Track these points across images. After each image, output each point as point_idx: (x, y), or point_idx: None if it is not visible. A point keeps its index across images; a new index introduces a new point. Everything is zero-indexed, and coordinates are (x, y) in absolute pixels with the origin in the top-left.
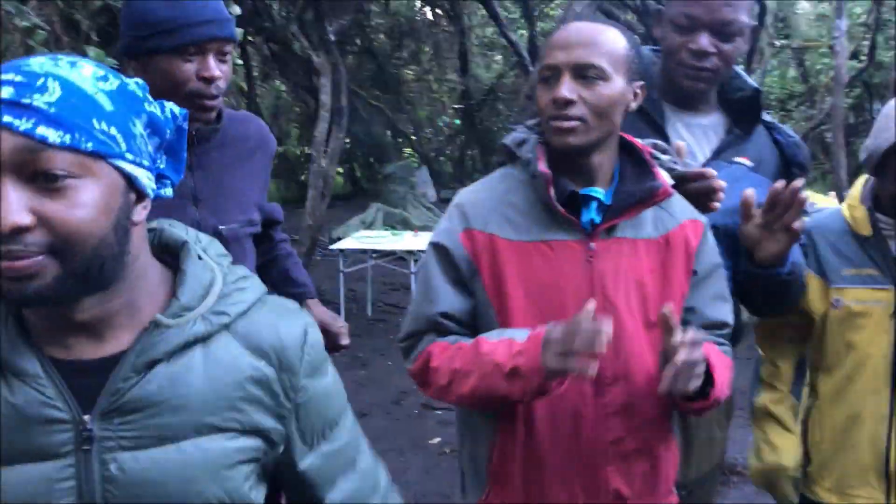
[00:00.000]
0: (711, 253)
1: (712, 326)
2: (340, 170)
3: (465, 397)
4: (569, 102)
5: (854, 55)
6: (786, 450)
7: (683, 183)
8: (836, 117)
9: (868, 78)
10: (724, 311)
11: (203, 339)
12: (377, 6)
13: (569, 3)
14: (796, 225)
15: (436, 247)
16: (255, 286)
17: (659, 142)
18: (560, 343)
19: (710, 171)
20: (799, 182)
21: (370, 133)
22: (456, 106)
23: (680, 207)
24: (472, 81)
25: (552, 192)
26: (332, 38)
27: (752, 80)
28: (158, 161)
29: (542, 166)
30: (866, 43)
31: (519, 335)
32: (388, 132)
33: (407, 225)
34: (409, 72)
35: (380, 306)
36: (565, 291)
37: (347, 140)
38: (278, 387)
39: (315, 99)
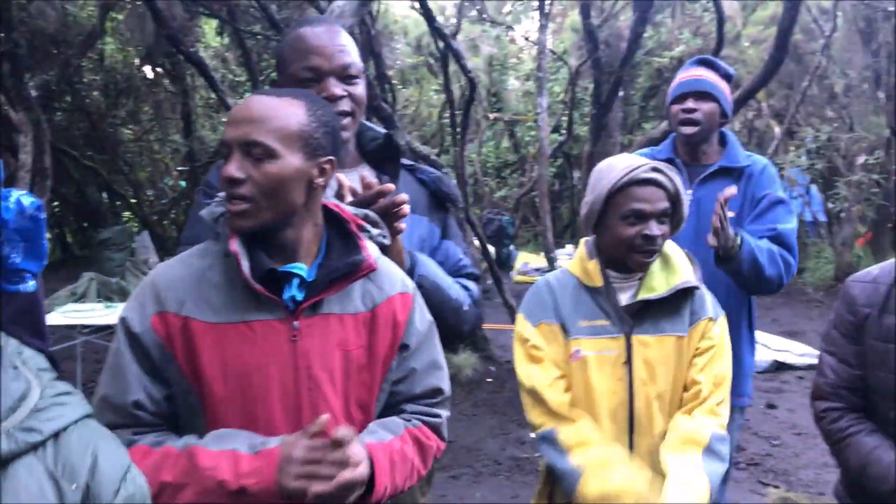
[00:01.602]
0: (422, 322)
1: (425, 396)
2: (49, 235)
3: None
4: (235, 181)
5: (556, 129)
6: None
7: (369, 205)
8: (541, 185)
9: (568, 150)
10: (438, 378)
11: (3, 462)
12: (89, 62)
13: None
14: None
15: (126, 329)
16: (78, 404)
17: (370, 213)
18: (301, 464)
19: (389, 186)
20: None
21: (83, 195)
22: (180, 168)
23: (389, 281)
24: (196, 143)
25: (246, 271)
26: (34, 93)
27: (380, 128)
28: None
29: (234, 245)
30: (566, 118)
31: (241, 445)
32: (104, 194)
33: (125, 295)
34: (127, 131)
35: (91, 387)
36: (269, 374)
37: (56, 203)
38: None
39: (15, 158)
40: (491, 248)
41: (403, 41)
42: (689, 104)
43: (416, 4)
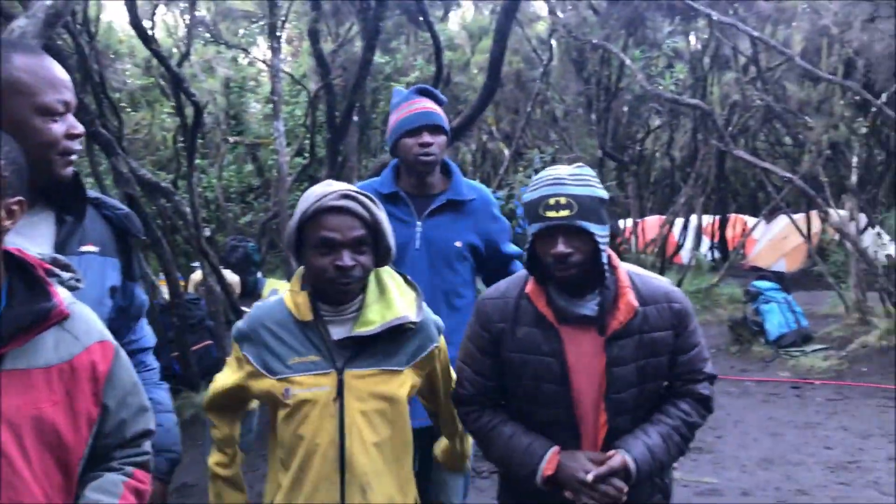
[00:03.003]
0: (126, 371)
1: (133, 440)
2: None
3: None
4: None
5: (300, 152)
6: None
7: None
8: (282, 209)
9: (313, 173)
10: (146, 421)
11: None
12: None
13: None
14: None
15: None
16: None
17: (60, 257)
18: None
19: None
20: None
21: None
22: None
23: (86, 329)
24: None
25: None
26: None
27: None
28: None
29: None
30: (308, 141)
31: None
32: None
33: None
34: None
35: None
36: None
37: None
38: None
39: None
40: (236, 277)
41: (130, 61)
42: (427, 138)
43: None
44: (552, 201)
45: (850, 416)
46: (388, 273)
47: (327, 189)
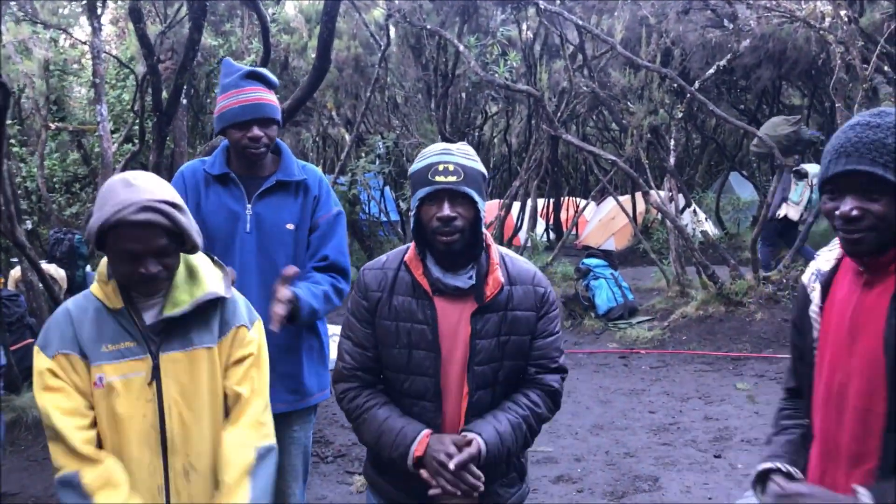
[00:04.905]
0: None
1: None
2: None
3: None
4: None
5: (129, 139)
6: None
7: None
8: None
9: (144, 160)
10: None
11: None
12: None
13: None
14: None
15: None
16: None
17: None
18: None
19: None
20: None
21: None
22: None
23: None
24: None
25: None
26: None
27: None
28: None
29: None
30: (137, 127)
31: None
32: None
33: None
34: None
35: None
36: None
37: None
38: None
39: None
40: (62, 272)
41: None
42: (256, 132)
43: None
44: (441, 167)
45: (671, 382)
46: (196, 255)
47: (127, 198)
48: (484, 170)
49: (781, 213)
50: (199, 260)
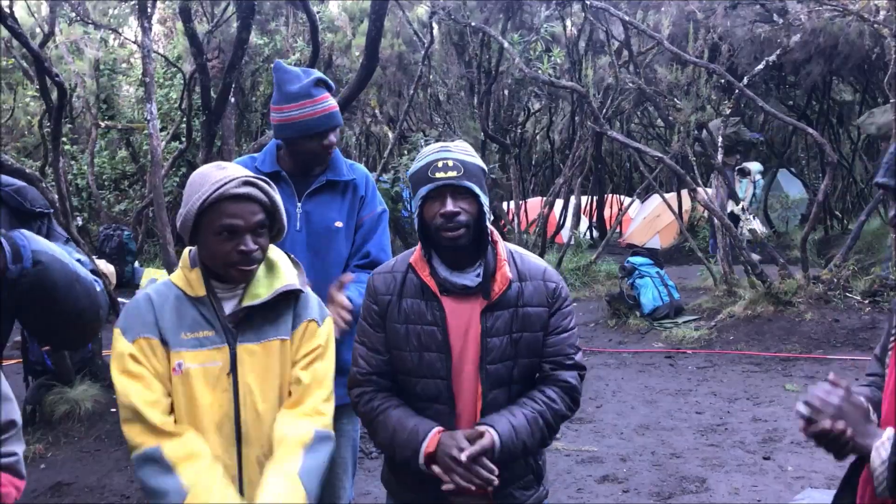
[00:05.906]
0: None
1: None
2: None
3: None
4: None
5: (177, 136)
6: None
7: None
8: (157, 196)
9: (191, 158)
10: (8, 411)
11: None
12: None
13: None
14: None
15: None
16: None
17: None
18: None
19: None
20: None
21: None
22: None
23: None
24: None
25: None
26: None
27: None
28: None
29: None
30: (185, 125)
31: None
32: None
33: None
34: None
35: None
36: None
37: None
38: None
39: None
40: (111, 267)
41: None
42: (332, 139)
43: None
44: (440, 164)
45: (719, 382)
46: (273, 250)
47: (226, 175)
48: (484, 165)
49: (729, 209)
50: (278, 255)
